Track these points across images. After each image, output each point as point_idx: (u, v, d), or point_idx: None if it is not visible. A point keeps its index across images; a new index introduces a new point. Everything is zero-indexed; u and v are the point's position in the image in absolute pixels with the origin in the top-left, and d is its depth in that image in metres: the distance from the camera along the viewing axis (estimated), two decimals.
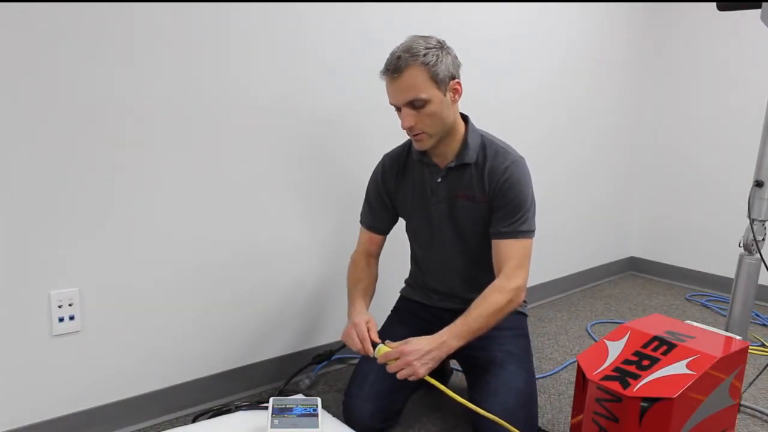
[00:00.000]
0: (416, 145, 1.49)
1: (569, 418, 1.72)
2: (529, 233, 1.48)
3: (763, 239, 1.61)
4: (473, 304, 1.42)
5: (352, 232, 1.72)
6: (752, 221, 1.61)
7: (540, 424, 1.64)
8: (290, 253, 1.84)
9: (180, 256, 1.61)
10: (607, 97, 2.95)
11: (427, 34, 1.44)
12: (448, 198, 1.54)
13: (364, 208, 1.70)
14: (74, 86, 1.38)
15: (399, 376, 1.32)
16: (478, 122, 1.58)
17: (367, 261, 1.66)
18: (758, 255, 1.62)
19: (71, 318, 1.45)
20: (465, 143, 1.50)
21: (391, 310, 1.76)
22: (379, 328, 1.68)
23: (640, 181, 3.28)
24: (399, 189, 1.63)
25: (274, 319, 1.84)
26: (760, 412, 1.78)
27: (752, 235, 1.60)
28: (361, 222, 1.70)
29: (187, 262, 1.63)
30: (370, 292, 1.61)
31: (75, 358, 1.48)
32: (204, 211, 1.64)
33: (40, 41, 1.32)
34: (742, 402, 1.80)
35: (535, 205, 1.51)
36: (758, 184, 1.59)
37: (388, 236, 1.70)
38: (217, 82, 1.60)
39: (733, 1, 1.62)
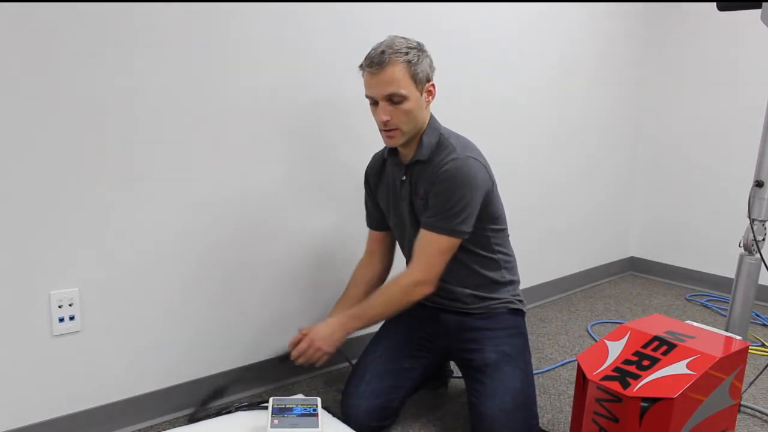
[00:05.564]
0: (388, 141, 1.51)
1: (569, 418, 1.72)
2: (451, 232, 1.45)
3: (763, 239, 1.61)
4: (375, 292, 1.53)
5: (350, 235, 1.72)
6: (752, 221, 1.60)
7: (540, 424, 1.64)
8: (291, 256, 1.85)
9: (181, 256, 1.61)
10: (607, 97, 2.95)
11: (407, 36, 1.48)
12: (410, 198, 1.56)
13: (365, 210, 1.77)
14: (75, 86, 1.38)
15: (306, 356, 1.47)
16: (476, 121, 1.58)
17: (369, 260, 1.75)
18: (758, 255, 1.62)
19: (71, 318, 1.45)
20: (420, 141, 1.52)
21: None
22: (380, 326, 1.70)
23: (640, 181, 3.28)
24: (378, 188, 1.68)
25: (274, 320, 1.84)
26: (760, 412, 1.78)
27: (752, 235, 1.60)
28: (366, 224, 1.78)
29: (188, 262, 1.63)
30: (352, 297, 1.68)
31: (75, 358, 1.48)
32: (206, 211, 1.64)
33: (42, 41, 1.32)
34: (742, 402, 1.80)
35: (470, 207, 1.45)
36: (758, 184, 1.59)
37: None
38: (226, 84, 1.60)
39: (733, 1, 1.62)
